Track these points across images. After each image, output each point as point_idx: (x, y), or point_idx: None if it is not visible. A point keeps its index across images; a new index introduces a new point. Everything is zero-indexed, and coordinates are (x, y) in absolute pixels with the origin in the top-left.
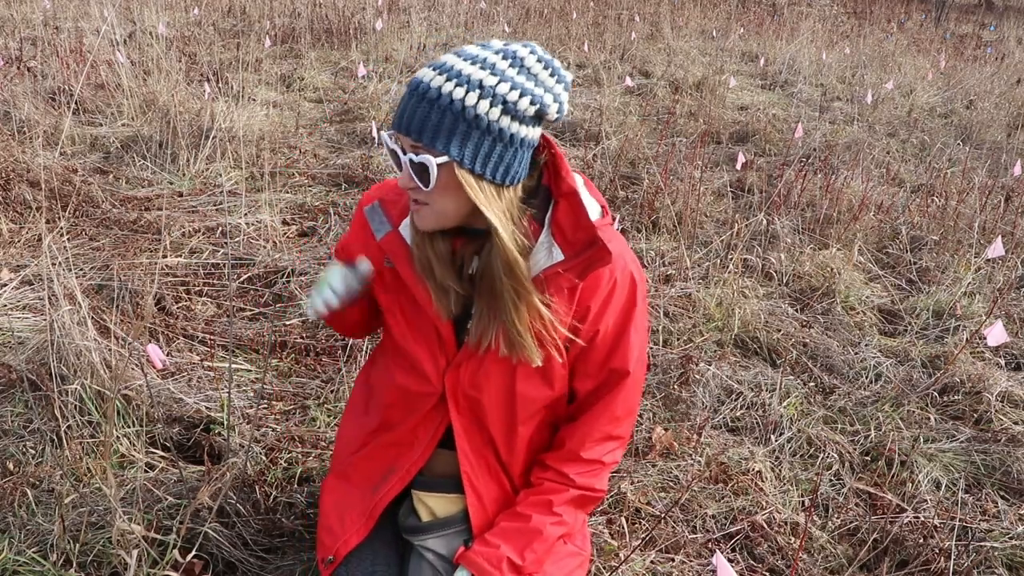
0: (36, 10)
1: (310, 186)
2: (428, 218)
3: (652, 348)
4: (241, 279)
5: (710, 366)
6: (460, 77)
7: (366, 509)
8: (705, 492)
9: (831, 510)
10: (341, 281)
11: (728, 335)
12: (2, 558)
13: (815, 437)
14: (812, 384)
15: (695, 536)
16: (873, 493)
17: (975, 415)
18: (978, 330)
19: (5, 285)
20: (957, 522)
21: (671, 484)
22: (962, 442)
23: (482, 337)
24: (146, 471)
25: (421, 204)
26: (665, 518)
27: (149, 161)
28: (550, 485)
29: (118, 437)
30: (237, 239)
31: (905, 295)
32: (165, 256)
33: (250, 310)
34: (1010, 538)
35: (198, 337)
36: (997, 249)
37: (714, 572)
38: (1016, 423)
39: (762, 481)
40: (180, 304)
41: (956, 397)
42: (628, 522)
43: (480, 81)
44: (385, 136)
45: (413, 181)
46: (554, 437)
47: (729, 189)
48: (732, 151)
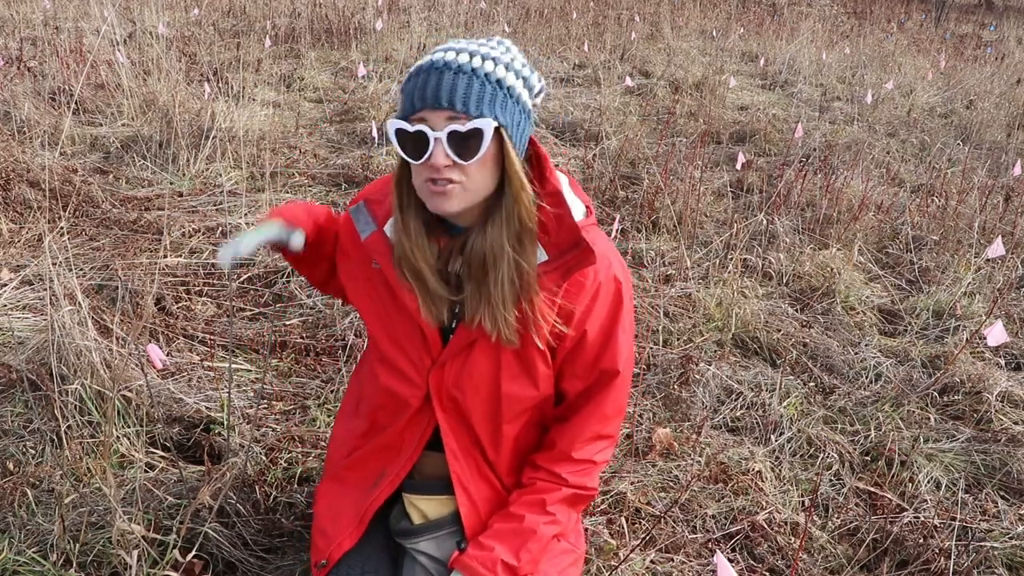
0: (36, 10)
1: (310, 186)
2: (458, 197)
3: (652, 348)
4: (241, 279)
5: (710, 366)
6: (480, 54)
7: (358, 513)
8: (705, 492)
9: (831, 510)
10: (254, 245)
11: (728, 335)
12: (2, 558)
13: (815, 437)
14: (812, 384)
15: (695, 536)
16: (873, 493)
17: (975, 415)
18: (978, 330)
19: (5, 285)
20: (957, 522)
21: (671, 484)
22: (962, 442)
23: (474, 316)
24: (146, 471)
25: (453, 184)
26: (665, 518)
27: (149, 161)
28: (542, 485)
29: (118, 437)
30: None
31: (905, 295)
32: (165, 256)
33: (250, 310)
34: (1010, 538)
35: (198, 337)
36: (997, 249)
37: (714, 572)
38: (1016, 423)
39: (762, 481)
40: (180, 304)
41: (956, 397)
42: (628, 522)
43: (497, 57)
44: (397, 123)
45: (450, 157)
46: (544, 438)
47: (729, 189)
48: (732, 151)
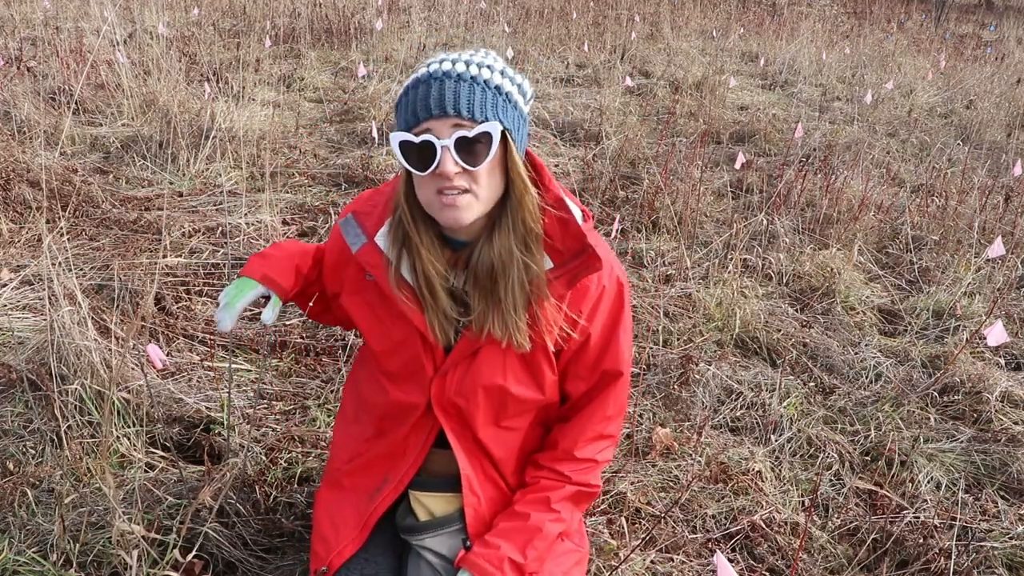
0: (36, 10)
1: (310, 186)
2: (470, 208)
3: (652, 348)
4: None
5: (710, 366)
6: (474, 62)
7: (361, 519)
8: (705, 492)
9: (831, 510)
10: (244, 305)
11: (728, 335)
12: (2, 558)
13: (815, 437)
14: (812, 384)
15: (695, 536)
16: (873, 493)
17: (975, 415)
18: (978, 330)
19: (5, 285)
20: (957, 522)
21: (671, 484)
22: (962, 442)
23: (483, 327)
24: (146, 471)
25: (463, 194)
26: (665, 518)
27: (149, 161)
28: (546, 483)
29: (118, 437)
30: (237, 239)
31: (905, 295)
32: (165, 256)
33: (250, 310)
34: (1010, 538)
35: (198, 337)
36: (997, 249)
37: (714, 572)
38: (1016, 423)
39: (762, 481)
40: (180, 304)
41: (956, 397)
42: (628, 522)
43: (491, 64)
44: (401, 135)
45: (459, 164)
46: (546, 438)
47: (729, 189)
48: (732, 151)
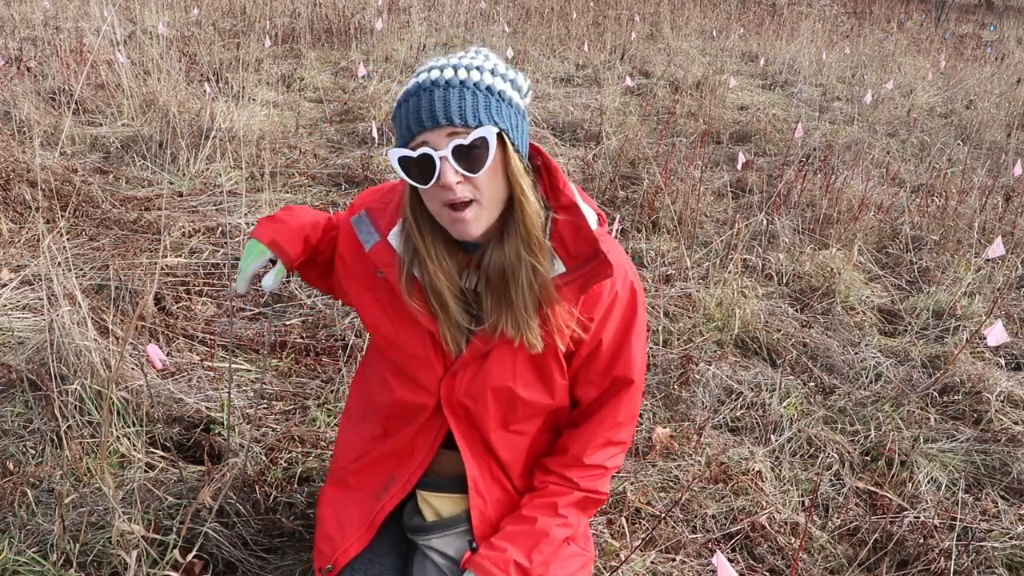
0: (36, 10)
1: (310, 186)
2: (478, 220)
3: (652, 348)
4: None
5: (710, 366)
6: (463, 66)
7: (367, 518)
8: (705, 492)
9: (831, 510)
10: (256, 268)
11: (728, 335)
12: (2, 558)
13: (815, 437)
14: (812, 384)
15: (695, 536)
16: (873, 493)
17: (975, 415)
18: (978, 330)
19: (5, 285)
20: (957, 522)
21: (671, 484)
22: (962, 442)
23: (496, 327)
24: (146, 471)
25: (468, 204)
26: (665, 518)
27: (149, 161)
28: (554, 488)
29: (118, 437)
30: (237, 239)
31: (905, 295)
32: (165, 256)
33: (250, 310)
34: (1010, 538)
35: (198, 337)
36: (997, 249)
37: (714, 572)
38: (1016, 423)
39: (762, 481)
40: (180, 304)
41: (956, 397)
42: (628, 522)
43: (480, 66)
44: (399, 151)
45: (460, 173)
46: (555, 442)
47: (729, 189)
48: (732, 151)
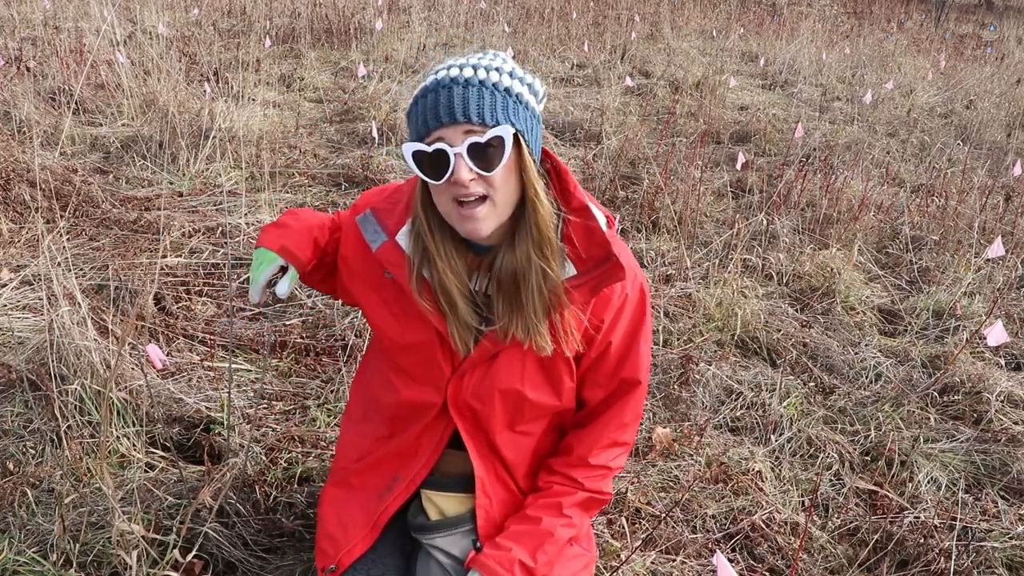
0: (36, 10)
1: (310, 186)
2: (488, 218)
3: (652, 348)
4: (241, 279)
5: (710, 366)
6: (482, 66)
7: (371, 518)
8: (705, 492)
9: (831, 510)
10: (268, 276)
11: (728, 335)
12: (2, 558)
13: (815, 437)
14: (812, 384)
15: (695, 536)
16: (873, 493)
17: (975, 415)
18: (978, 330)
19: (5, 285)
20: (957, 522)
21: (671, 484)
22: (962, 442)
23: (507, 330)
24: (146, 471)
25: (480, 203)
26: (665, 518)
27: (149, 161)
28: (559, 488)
29: (118, 437)
30: (237, 239)
31: (905, 295)
32: (165, 256)
33: (250, 310)
34: (1010, 538)
35: (198, 337)
36: (997, 249)
37: (714, 572)
38: (1016, 423)
39: (762, 481)
40: (180, 304)
41: (956, 397)
42: (628, 522)
43: (499, 67)
44: (414, 145)
45: (474, 171)
46: (560, 442)
47: (729, 189)
48: (732, 151)
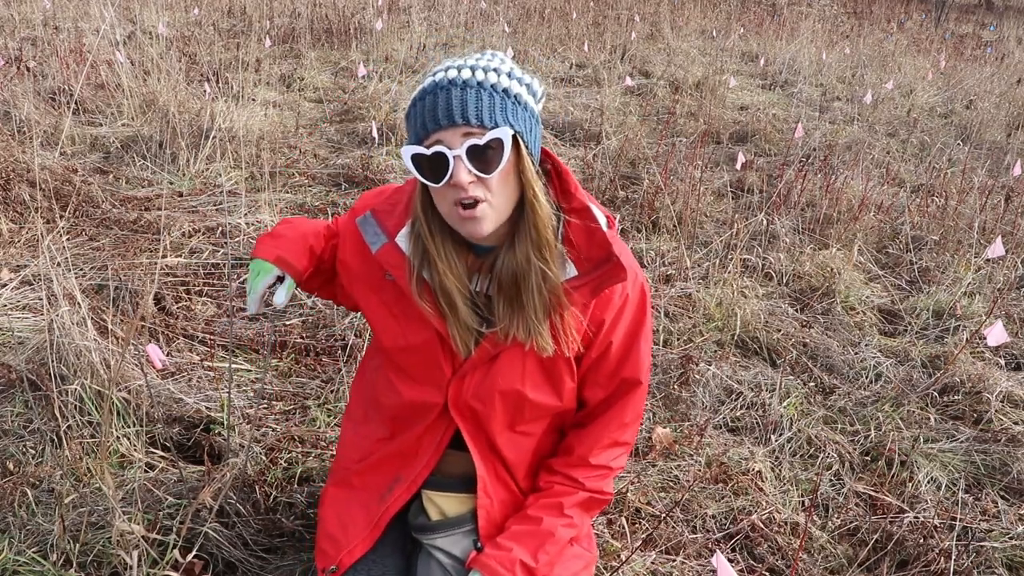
0: (36, 10)
1: (310, 186)
2: (488, 219)
3: (652, 348)
4: (241, 279)
5: (710, 366)
6: (480, 67)
7: (372, 519)
8: (705, 492)
9: (831, 510)
10: (266, 286)
11: (728, 335)
12: (2, 558)
13: (815, 437)
14: (812, 384)
15: (695, 536)
16: (873, 493)
17: (975, 415)
18: (978, 330)
19: (5, 285)
20: (957, 522)
21: (671, 484)
22: (962, 442)
23: (508, 332)
24: (146, 471)
25: (479, 204)
26: (665, 518)
27: (149, 161)
28: (560, 488)
29: (118, 437)
30: (237, 239)
31: (905, 295)
32: (165, 256)
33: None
34: (1010, 538)
35: (198, 337)
36: (997, 249)
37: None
38: (1016, 423)
39: (762, 481)
40: (180, 304)
41: (956, 397)
42: (628, 522)
43: (497, 68)
44: (412, 148)
45: (473, 173)
46: (560, 443)
47: (729, 189)
48: (732, 151)
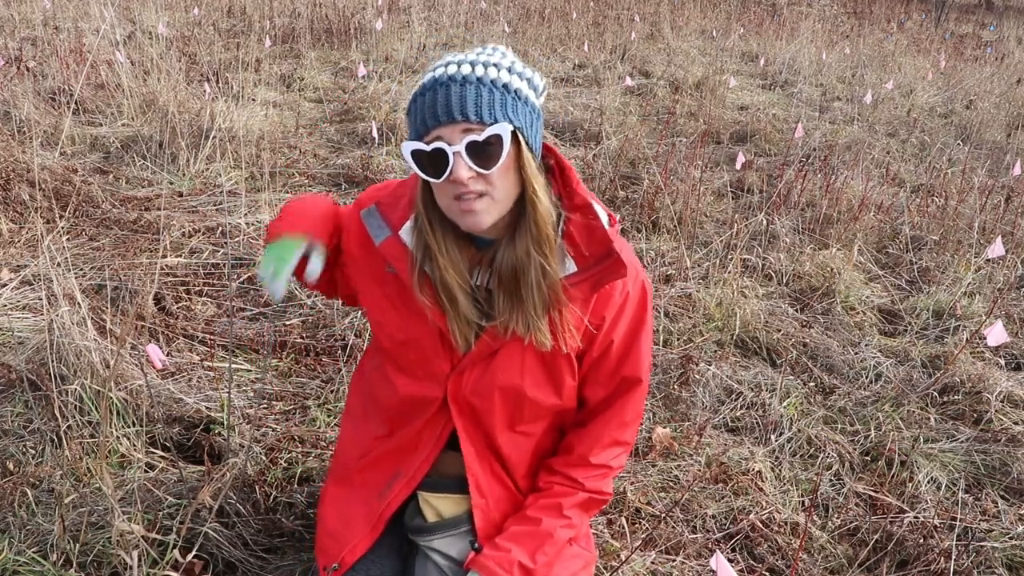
0: (36, 10)
1: (310, 186)
2: (488, 212)
3: (653, 348)
4: (241, 279)
5: (710, 366)
6: (480, 62)
7: (372, 515)
8: (705, 492)
9: (831, 510)
10: (286, 278)
11: (728, 335)
12: (2, 558)
13: (815, 437)
14: (812, 384)
15: (695, 536)
16: (873, 493)
17: (975, 415)
18: (978, 330)
19: (5, 285)
20: (957, 522)
21: (671, 484)
22: (962, 442)
23: (507, 326)
24: (146, 471)
25: (480, 198)
26: (665, 518)
27: (149, 161)
28: (559, 489)
29: (118, 437)
30: (237, 239)
31: (905, 295)
32: (165, 256)
33: (250, 310)
34: (1010, 538)
35: (198, 337)
36: (997, 249)
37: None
38: (1016, 423)
39: (762, 481)
40: (180, 304)
41: (956, 397)
42: (628, 522)
43: (497, 63)
44: (412, 144)
45: (473, 169)
46: (560, 442)
47: (729, 189)
48: (732, 151)
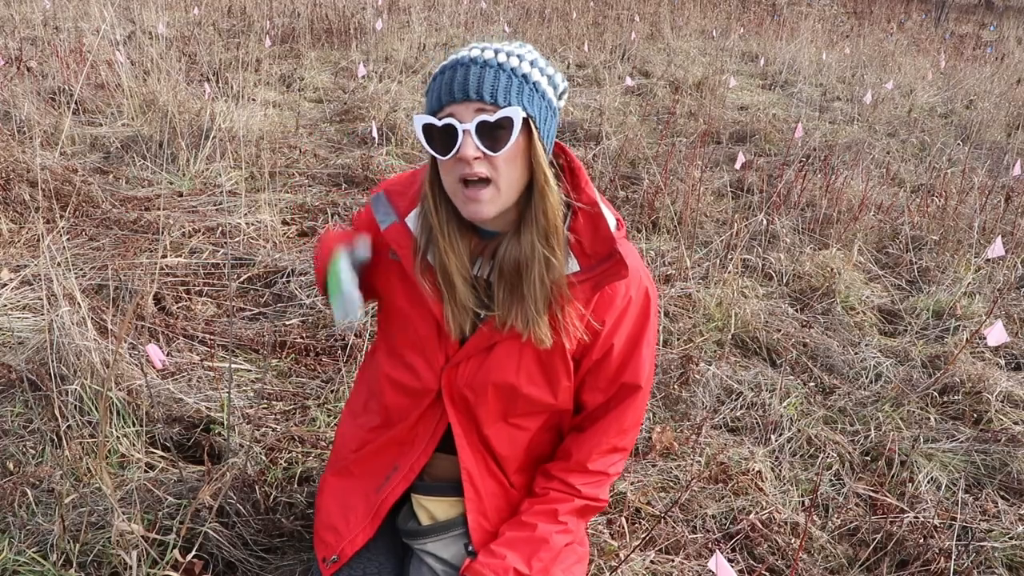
0: (36, 10)
1: (310, 186)
2: (491, 202)
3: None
4: (241, 279)
5: (710, 366)
6: (504, 51)
7: (371, 508)
8: (705, 492)
9: (831, 510)
10: (351, 282)
11: (728, 335)
12: (2, 558)
13: (815, 437)
14: (812, 384)
15: (695, 536)
16: (873, 494)
17: (975, 415)
18: (978, 330)
19: (5, 285)
20: (957, 522)
21: (671, 484)
22: (962, 442)
23: (506, 320)
24: (146, 471)
25: (485, 187)
26: (665, 518)
27: (149, 161)
28: (555, 495)
29: (118, 437)
30: (237, 239)
31: (905, 295)
32: (165, 256)
33: (250, 310)
34: (1010, 538)
35: (198, 337)
36: (997, 249)
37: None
38: (1016, 423)
39: (762, 481)
40: (180, 304)
41: (956, 397)
42: (628, 522)
43: (521, 55)
44: (424, 118)
45: (480, 149)
46: (558, 447)
47: (729, 189)
48: (732, 151)
